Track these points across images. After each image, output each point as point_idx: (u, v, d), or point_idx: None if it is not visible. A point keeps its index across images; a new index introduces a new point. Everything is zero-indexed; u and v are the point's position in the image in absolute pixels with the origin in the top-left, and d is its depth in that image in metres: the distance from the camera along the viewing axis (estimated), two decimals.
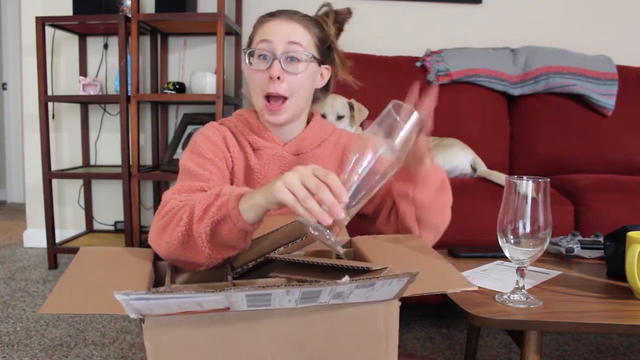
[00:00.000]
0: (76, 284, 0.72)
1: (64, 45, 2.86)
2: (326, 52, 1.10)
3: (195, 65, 2.81)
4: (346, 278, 0.56)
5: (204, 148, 1.03)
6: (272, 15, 1.05)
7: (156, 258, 0.89)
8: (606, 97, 2.41)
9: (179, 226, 0.82)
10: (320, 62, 1.08)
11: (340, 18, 1.13)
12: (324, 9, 1.13)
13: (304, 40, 1.03)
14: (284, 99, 1.03)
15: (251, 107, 1.14)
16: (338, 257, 0.89)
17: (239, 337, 0.61)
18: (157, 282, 0.86)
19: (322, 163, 1.10)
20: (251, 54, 1.05)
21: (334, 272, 0.73)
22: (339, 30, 1.15)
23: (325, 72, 1.12)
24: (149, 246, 0.89)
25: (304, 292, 0.56)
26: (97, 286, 0.72)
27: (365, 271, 0.72)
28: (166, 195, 0.93)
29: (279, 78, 1.01)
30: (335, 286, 0.56)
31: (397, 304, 0.64)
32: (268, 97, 1.03)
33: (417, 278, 0.65)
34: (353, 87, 1.19)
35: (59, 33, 2.79)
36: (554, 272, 1.11)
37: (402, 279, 0.57)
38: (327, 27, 1.10)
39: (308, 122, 1.14)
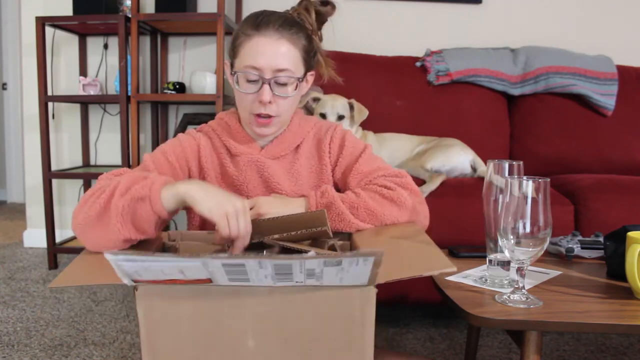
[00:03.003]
0: (86, 263, 0.80)
1: (64, 45, 2.86)
2: (311, 57, 1.08)
3: (195, 65, 2.81)
4: (312, 253, 0.58)
5: (170, 151, 1.05)
6: (257, 28, 0.99)
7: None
8: (606, 97, 2.41)
9: (99, 198, 0.85)
10: (306, 72, 1.06)
11: (323, 12, 1.10)
12: (304, 3, 1.10)
13: (291, 61, 1.00)
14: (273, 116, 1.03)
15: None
16: (331, 248, 0.89)
17: (222, 312, 0.65)
18: None
19: (302, 164, 1.10)
20: (238, 76, 1.02)
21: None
22: (322, 23, 1.12)
23: (310, 77, 1.10)
24: None
25: (275, 265, 0.59)
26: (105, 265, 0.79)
27: None
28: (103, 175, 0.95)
29: (270, 102, 1.00)
30: (304, 260, 0.59)
31: (373, 290, 0.66)
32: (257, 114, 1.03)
33: (398, 262, 0.70)
34: (352, 86, 1.19)
35: (59, 33, 2.79)
36: (554, 272, 1.11)
37: (367, 257, 0.59)
38: (309, 22, 1.07)
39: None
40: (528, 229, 0.84)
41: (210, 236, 0.96)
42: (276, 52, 0.98)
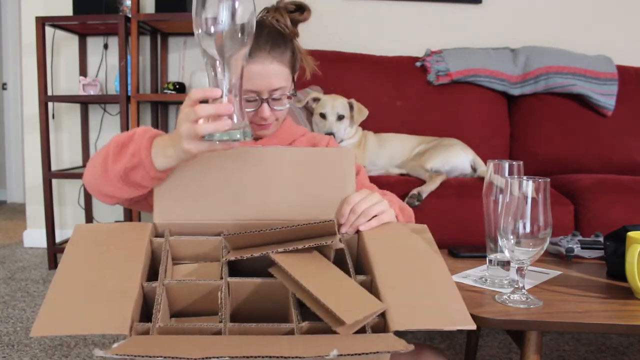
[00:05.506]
0: (67, 288, 0.73)
1: (64, 45, 2.86)
2: (296, 64, 1.12)
3: (195, 65, 2.81)
4: (335, 352, 0.58)
5: None
6: (249, 54, 1.02)
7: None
8: (606, 97, 2.41)
9: (98, 158, 0.90)
10: (293, 80, 1.12)
11: (298, 18, 1.12)
12: (280, 9, 1.11)
13: (283, 79, 1.06)
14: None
15: None
16: (338, 251, 0.87)
17: None
18: (153, 266, 0.84)
19: None
20: None
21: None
22: (297, 23, 1.14)
23: (295, 76, 1.15)
24: None
25: None
26: (88, 292, 0.73)
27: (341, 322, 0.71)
28: None
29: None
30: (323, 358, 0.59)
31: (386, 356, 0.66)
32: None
33: (417, 305, 0.70)
34: (353, 86, 1.20)
35: (59, 33, 2.79)
36: (554, 272, 1.11)
37: (385, 353, 0.61)
38: (286, 25, 1.09)
39: None
40: (528, 229, 0.84)
41: (203, 228, 0.90)
42: (270, 75, 1.05)
